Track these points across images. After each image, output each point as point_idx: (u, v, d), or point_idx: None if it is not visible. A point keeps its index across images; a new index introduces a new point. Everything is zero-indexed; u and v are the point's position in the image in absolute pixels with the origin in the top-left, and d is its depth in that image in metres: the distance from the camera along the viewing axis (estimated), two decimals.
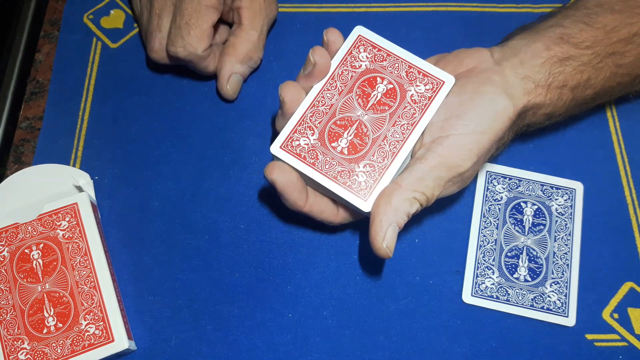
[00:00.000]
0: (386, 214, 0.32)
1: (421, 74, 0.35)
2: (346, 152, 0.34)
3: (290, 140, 0.34)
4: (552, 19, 0.37)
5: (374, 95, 0.35)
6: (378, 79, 0.35)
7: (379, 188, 0.33)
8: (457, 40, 0.47)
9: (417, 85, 0.35)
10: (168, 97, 0.46)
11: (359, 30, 0.36)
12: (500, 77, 0.34)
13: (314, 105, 0.35)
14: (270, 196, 0.42)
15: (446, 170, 0.33)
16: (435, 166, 0.33)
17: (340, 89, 0.35)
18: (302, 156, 0.34)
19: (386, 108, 0.34)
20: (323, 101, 0.35)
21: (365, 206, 0.33)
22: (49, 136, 0.44)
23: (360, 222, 0.41)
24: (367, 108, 0.34)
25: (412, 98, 0.35)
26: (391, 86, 0.35)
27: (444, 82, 0.35)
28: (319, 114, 0.34)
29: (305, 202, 0.35)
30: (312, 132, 0.34)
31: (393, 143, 0.34)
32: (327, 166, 0.34)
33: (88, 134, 0.44)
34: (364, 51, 0.36)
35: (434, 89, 0.35)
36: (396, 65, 0.35)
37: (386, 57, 0.36)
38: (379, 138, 0.34)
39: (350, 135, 0.34)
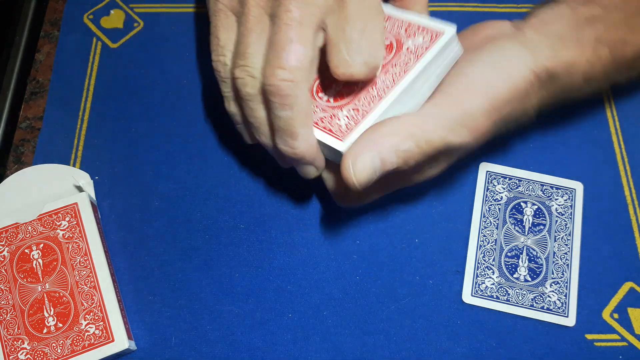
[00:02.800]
0: (371, 139, 0.28)
1: (420, 28, 0.32)
2: (332, 101, 0.32)
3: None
4: None
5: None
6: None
7: (360, 129, 0.30)
8: None
9: (414, 38, 0.32)
10: (168, 97, 0.46)
11: None
12: (520, 36, 0.31)
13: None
14: (271, 196, 0.42)
15: (455, 108, 0.29)
16: (442, 104, 0.29)
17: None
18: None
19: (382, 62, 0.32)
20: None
21: (342, 146, 0.30)
22: (49, 136, 0.44)
23: (360, 222, 0.41)
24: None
25: (409, 49, 0.32)
26: (388, 42, 0.33)
27: (443, 32, 0.31)
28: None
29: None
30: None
31: (382, 88, 0.31)
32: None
33: (88, 134, 0.44)
34: None
35: (433, 39, 0.31)
36: (396, 25, 0.33)
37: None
38: (367, 85, 0.31)
39: (338, 87, 0.32)
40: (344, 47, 0.29)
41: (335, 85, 0.32)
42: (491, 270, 0.40)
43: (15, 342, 0.36)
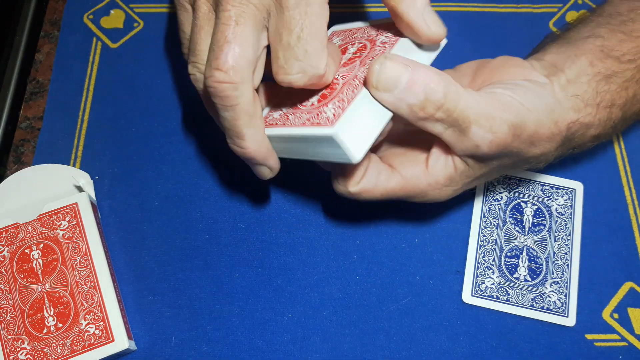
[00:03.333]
0: (410, 59, 0.28)
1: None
2: (316, 103, 0.31)
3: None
4: (585, 28, 0.35)
5: (345, 57, 0.32)
6: (348, 46, 0.33)
7: (350, 112, 0.28)
8: (457, 40, 0.47)
9: (385, 34, 0.32)
10: (168, 96, 0.46)
11: (332, 29, 0.35)
12: (549, 92, 0.32)
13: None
14: (271, 196, 0.42)
15: (492, 106, 0.29)
16: (484, 97, 0.29)
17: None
18: (274, 123, 0.32)
19: (356, 58, 0.32)
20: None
21: (331, 130, 0.28)
22: (49, 136, 0.44)
23: (360, 222, 0.41)
24: (339, 66, 0.32)
25: (382, 42, 0.31)
26: (362, 44, 0.32)
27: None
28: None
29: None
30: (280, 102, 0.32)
31: (363, 78, 0.30)
32: (296, 120, 0.31)
33: (88, 134, 0.44)
34: (337, 37, 0.34)
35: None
36: (366, 31, 0.33)
37: (357, 31, 0.34)
38: (348, 79, 0.30)
39: (320, 92, 0.31)
40: (281, 53, 0.28)
41: (317, 93, 0.31)
42: (491, 270, 0.40)
43: (15, 342, 0.36)
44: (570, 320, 0.38)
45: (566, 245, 0.40)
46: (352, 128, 0.28)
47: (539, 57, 0.35)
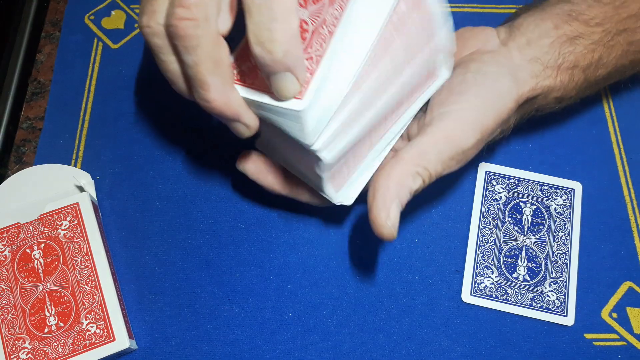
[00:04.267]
0: (388, 189, 0.30)
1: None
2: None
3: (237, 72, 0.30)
4: None
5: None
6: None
7: (316, 80, 0.27)
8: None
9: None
10: (169, 97, 0.46)
11: None
12: (505, 59, 0.33)
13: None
14: (271, 196, 0.43)
15: (449, 145, 0.31)
16: (437, 141, 0.31)
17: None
18: (243, 80, 0.29)
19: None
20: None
21: (300, 105, 0.26)
22: (50, 136, 0.45)
23: (359, 220, 0.41)
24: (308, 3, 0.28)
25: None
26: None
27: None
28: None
29: (284, 185, 0.35)
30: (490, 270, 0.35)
31: (331, 22, 0.27)
32: (264, 82, 0.28)
33: (89, 134, 0.45)
34: None
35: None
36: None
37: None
38: (317, 26, 0.27)
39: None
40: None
41: None
42: (490, 270, 0.40)
43: (16, 342, 0.36)
44: (569, 320, 0.38)
45: (565, 245, 0.40)
46: (320, 102, 0.27)
47: (508, 22, 0.36)
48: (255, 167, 0.34)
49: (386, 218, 0.30)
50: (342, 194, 0.31)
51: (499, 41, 0.34)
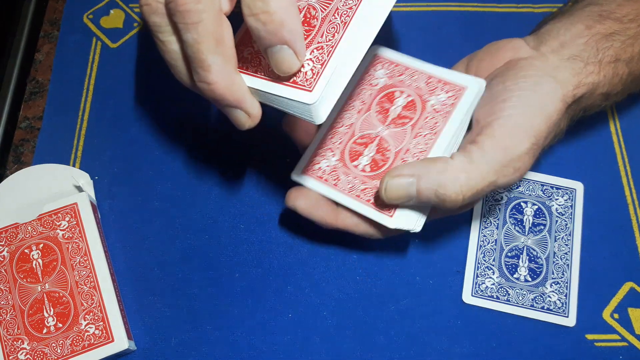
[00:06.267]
0: (417, 165, 0.29)
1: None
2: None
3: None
4: (584, 1, 0.35)
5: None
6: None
7: (329, 71, 0.27)
8: (457, 40, 0.47)
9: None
10: (168, 96, 0.46)
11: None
12: (542, 62, 0.32)
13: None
14: (271, 196, 0.42)
15: (500, 152, 0.30)
16: (485, 147, 0.30)
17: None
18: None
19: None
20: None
21: (311, 98, 0.26)
22: (48, 136, 0.44)
23: None
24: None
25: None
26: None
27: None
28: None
29: (336, 217, 0.33)
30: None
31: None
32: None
33: (88, 134, 0.44)
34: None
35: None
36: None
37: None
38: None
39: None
40: None
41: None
42: (491, 271, 0.40)
43: (15, 342, 0.36)
44: (570, 321, 0.38)
45: (566, 245, 0.40)
46: (328, 93, 0.27)
47: (534, 31, 0.35)
48: (306, 203, 0.33)
49: (387, 179, 0.29)
50: (395, 220, 0.31)
51: (529, 48, 0.33)
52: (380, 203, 0.31)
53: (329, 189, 0.32)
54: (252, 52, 0.29)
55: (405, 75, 0.34)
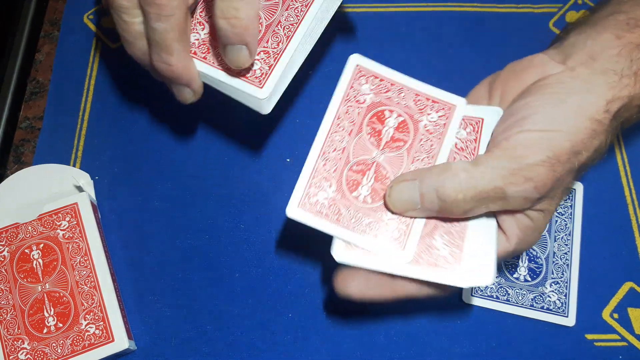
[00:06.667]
0: (417, 171, 0.29)
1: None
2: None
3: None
4: (605, 9, 0.33)
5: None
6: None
7: (277, 72, 0.32)
8: (457, 40, 0.47)
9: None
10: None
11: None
12: (571, 78, 0.30)
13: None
14: (271, 196, 0.42)
15: (507, 158, 0.28)
16: (497, 155, 0.28)
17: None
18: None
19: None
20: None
21: (262, 93, 0.32)
22: (49, 136, 0.44)
23: None
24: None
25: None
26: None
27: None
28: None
29: (394, 288, 0.31)
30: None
31: (287, 26, 0.32)
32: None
33: (88, 134, 0.44)
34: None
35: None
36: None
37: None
38: (272, 23, 0.32)
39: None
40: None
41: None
42: None
43: (15, 342, 0.36)
44: (570, 320, 0.38)
45: (566, 245, 0.40)
46: (275, 91, 0.32)
47: (557, 44, 0.33)
48: (357, 287, 0.31)
49: (390, 188, 0.29)
50: (407, 252, 0.30)
51: (556, 63, 0.31)
52: (389, 236, 0.30)
53: (332, 226, 0.30)
54: (200, 40, 0.34)
55: (393, 92, 0.33)
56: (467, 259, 0.29)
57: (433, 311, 0.39)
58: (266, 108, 0.33)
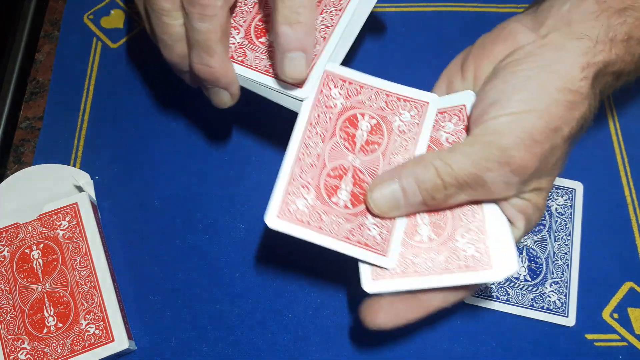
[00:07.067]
0: (393, 169, 0.29)
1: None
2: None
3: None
4: None
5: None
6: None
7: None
8: (457, 40, 0.47)
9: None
10: (168, 96, 0.46)
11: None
12: (542, 49, 0.29)
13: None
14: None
15: (480, 145, 0.28)
16: (471, 142, 0.28)
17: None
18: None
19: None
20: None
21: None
22: (49, 136, 0.44)
23: None
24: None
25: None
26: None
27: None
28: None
29: (421, 306, 0.30)
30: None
31: (322, 29, 0.33)
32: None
33: (88, 134, 0.44)
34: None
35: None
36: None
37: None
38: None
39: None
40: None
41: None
42: None
43: (15, 342, 0.36)
44: (570, 320, 0.38)
45: (566, 245, 0.40)
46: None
47: (532, 9, 0.32)
48: (387, 316, 0.30)
49: (370, 190, 0.29)
50: (391, 259, 0.29)
51: (528, 30, 0.30)
52: (372, 243, 0.29)
53: (315, 234, 0.29)
54: (236, 44, 0.33)
55: (363, 95, 0.32)
56: (493, 252, 0.29)
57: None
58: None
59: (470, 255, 0.29)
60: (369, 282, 0.29)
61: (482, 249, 0.29)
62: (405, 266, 0.29)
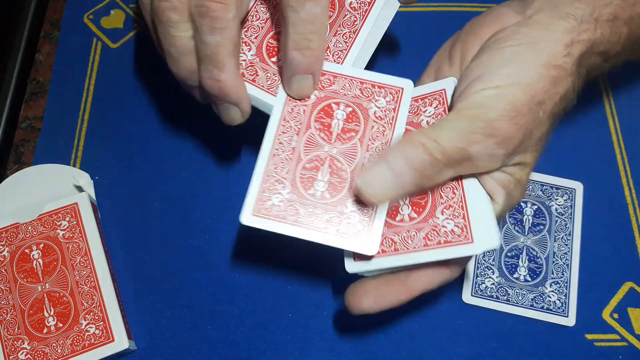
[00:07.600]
0: (379, 154, 0.28)
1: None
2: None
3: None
4: None
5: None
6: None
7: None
8: None
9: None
10: (168, 97, 0.46)
11: None
12: (527, 28, 0.29)
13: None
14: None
15: (465, 119, 0.27)
16: (455, 117, 0.28)
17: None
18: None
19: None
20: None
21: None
22: (49, 136, 0.44)
23: None
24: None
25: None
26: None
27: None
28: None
29: (408, 288, 0.30)
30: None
31: (335, 52, 0.32)
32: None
33: (88, 134, 0.45)
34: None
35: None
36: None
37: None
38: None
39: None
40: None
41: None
42: (491, 270, 0.40)
43: (15, 342, 0.36)
44: (570, 320, 0.38)
45: (566, 245, 0.40)
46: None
47: None
48: (371, 300, 0.30)
49: (360, 180, 0.28)
50: (373, 246, 0.29)
51: (515, 14, 0.31)
52: (352, 232, 0.29)
53: (291, 227, 0.29)
54: (247, 62, 0.33)
55: (337, 85, 0.32)
56: (474, 227, 0.29)
57: (433, 311, 0.39)
58: None
59: (450, 231, 0.29)
60: (351, 262, 0.30)
61: (462, 224, 0.29)
62: (385, 245, 0.29)
